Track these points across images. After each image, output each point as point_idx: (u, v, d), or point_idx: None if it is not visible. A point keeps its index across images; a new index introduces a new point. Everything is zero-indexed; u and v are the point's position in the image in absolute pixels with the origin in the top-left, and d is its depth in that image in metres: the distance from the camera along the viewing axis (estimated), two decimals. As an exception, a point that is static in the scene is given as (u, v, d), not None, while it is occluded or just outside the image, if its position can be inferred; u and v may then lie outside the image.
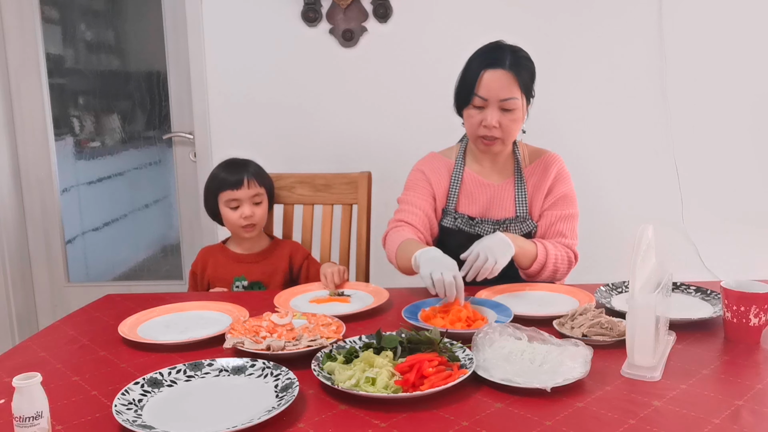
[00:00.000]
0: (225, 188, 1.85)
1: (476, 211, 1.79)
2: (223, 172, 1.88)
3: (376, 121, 2.63)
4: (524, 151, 1.82)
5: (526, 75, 1.66)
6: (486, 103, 1.64)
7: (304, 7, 2.56)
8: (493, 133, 1.66)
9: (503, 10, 2.54)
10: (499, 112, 1.64)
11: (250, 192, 1.86)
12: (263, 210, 1.90)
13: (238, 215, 1.84)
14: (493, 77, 1.63)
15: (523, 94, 1.66)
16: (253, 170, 1.90)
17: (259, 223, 1.89)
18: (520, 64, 1.65)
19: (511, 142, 1.73)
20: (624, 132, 2.60)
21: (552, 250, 1.66)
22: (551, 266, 1.66)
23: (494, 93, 1.63)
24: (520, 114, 1.66)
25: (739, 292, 1.25)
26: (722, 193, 2.62)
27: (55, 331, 1.44)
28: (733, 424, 0.95)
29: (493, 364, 1.11)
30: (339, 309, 1.51)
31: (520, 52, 1.69)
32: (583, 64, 2.56)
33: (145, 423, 0.97)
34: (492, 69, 1.63)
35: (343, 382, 1.05)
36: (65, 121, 2.84)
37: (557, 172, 1.77)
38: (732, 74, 2.55)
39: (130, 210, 2.94)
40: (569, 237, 1.73)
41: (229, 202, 1.85)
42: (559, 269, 1.68)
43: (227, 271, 1.89)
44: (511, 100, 1.63)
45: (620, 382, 1.10)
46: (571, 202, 1.77)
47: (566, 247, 1.71)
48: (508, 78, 1.62)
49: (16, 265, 2.81)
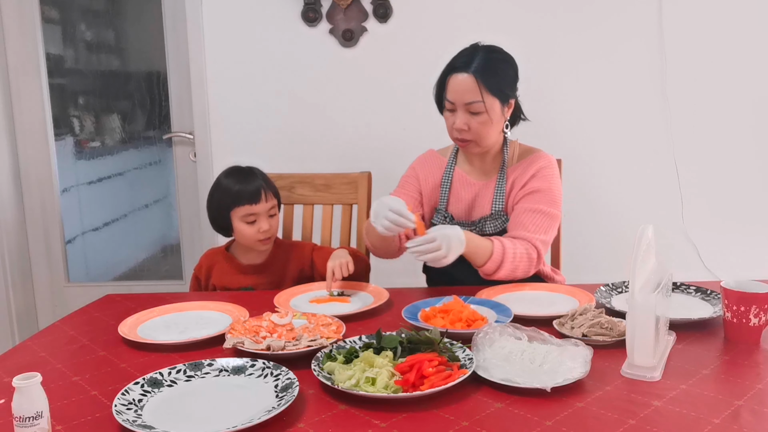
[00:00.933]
0: (242, 203, 1.76)
1: (462, 210, 1.80)
2: (237, 185, 1.78)
3: (376, 121, 2.63)
4: (515, 150, 1.80)
5: (495, 77, 1.64)
6: (454, 106, 1.66)
7: (304, 7, 2.56)
8: (463, 135, 1.68)
9: (503, 10, 2.54)
10: (467, 115, 1.65)
11: (268, 205, 1.79)
12: (277, 221, 1.84)
13: (256, 230, 1.77)
14: (457, 81, 1.64)
15: (495, 96, 1.64)
16: (265, 181, 1.83)
17: (274, 235, 1.84)
18: (488, 67, 1.63)
19: (486, 143, 1.70)
20: (624, 132, 2.60)
21: (510, 247, 1.60)
22: (509, 264, 1.59)
23: (459, 97, 1.64)
24: (489, 117, 1.64)
25: (739, 292, 1.25)
26: (722, 193, 2.62)
27: (55, 331, 1.44)
28: (733, 424, 0.95)
29: (493, 364, 1.11)
30: (339, 309, 1.51)
31: (493, 54, 1.67)
32: (583, 64, 2.56)
33: (145, 423, 0.97)
34: (457, 73, 1.65)
35: (343, 382, 1.05)
36: (65, 121, 2.84)
37: (538, 169, 1.73)
38: (732, 74, 2.55)
39: (130, 210, 2.94)
40: (531, 231, 1.65)
41: (247, 217, 1.77)
42: (519, 267, 1.61)
43: (233, 280, 1.83)
44: (476, 103, 1.63)
45: (620, 382, 1.10)
46: (545, 200, 1.69)
47: (526, 242, 1.63)
48: (471, 82, 1.62)
49: (16, 265, 2.81)
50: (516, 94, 1.73)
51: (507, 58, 1.70)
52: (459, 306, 1.39)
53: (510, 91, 1.69)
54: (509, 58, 1.70)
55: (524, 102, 1.82)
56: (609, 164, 2.62)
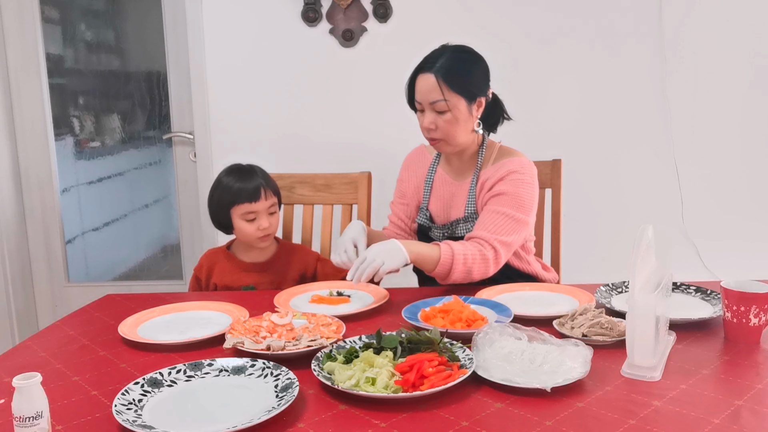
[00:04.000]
0: (241, 201, 1.78)
1: (440, 209, 1.81)
2: (237, 183, 1.79)
3: (376, 121, 2.63)
4: (493, 152, 1.77)
5: (458, 76, 1.63)
6: (422, 106, 1.68)
7: (304, 7, 2.56)
8: (432, 135, 1.69)
9: (503, 10, 2.54)
10: (434, 114, 1.66)
11: (267, 203, 1.80)
12: (277, 219, 1.85)
13: (255, 227, 1.78)
14: (422, 81, 1.66)
15: (459, 94, 1.63)
16: (265, 179, 1.84)
17: (274, 233, 1.85)
18: (452, 67, 1.63)
19: (456, 142, 1.69)
20: (624, 132, 2.61)
21: (459, 251, 1.58)
22: (460, 266, 1.57)
23: (424, 96, 1.65)
24: (454, 115, 1.64)
25: (739, 292, 1.25)
26: (722, 193, 2.62)
27: (55, 331, 1.44)
28: (733, 424, 0.95)
29: (493, 364, 1.10)
30: (339, 309, 1.51)
31: (459, 53, 1.68)
32: (583, 64, 2.56)
33: (145, 423, 0.97)
34: (421, 74, 1.66)
35: (343, 382, 1.05)
36: (65, 121, 2.84)
37: (507, 172, 1.69)
38: (732, 74, 2.55)
39: (130, 210, 2.94)
40: (491, 231, 1.63)
41: (246, 215, 1.78)
42: (473, 268, 1.59)
43: (234, 279, 1.84)
44: (439, 102, 1.63)
45: (620, 382, 1.10)
46: (510, 203, 1.66)
47: (483, 242, 1.61)
48: (433, 81, 1.63)
49: (16, 265, 2.81)
50: (487, 93, 1.71)
51: (473, 57, 1.69)
52: (459, 306, 1.39)
53: (477, 90, 1.67)
54: (476, 58, 1.70)
55: (525, 101, 1.82)
56: (609, 164, 2.62)
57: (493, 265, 1.62)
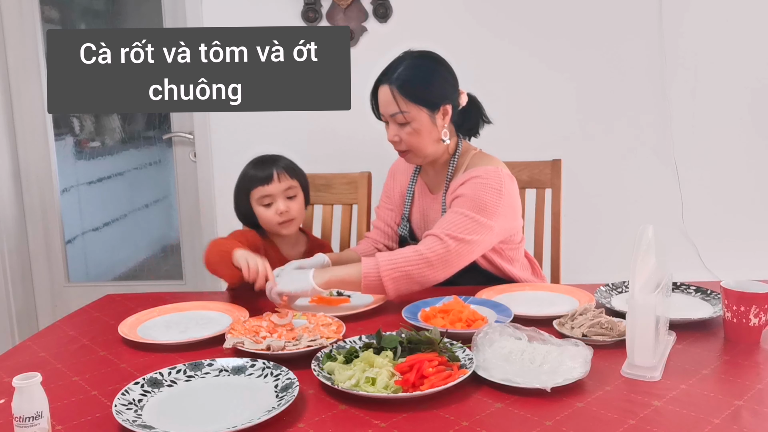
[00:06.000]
0: (255, 185, 1.74)
1: (419, 219, 1.78)
2: (253, 169, 1.77)
3: (376, 121, 2.61)
4: (465, 160, 1.68)
5: (415, 87, 1.56)
6: (385, 118, 1.65)
7: (304, 7, 2.56)
8: (398, 147, 1.65)
9: (502, 11, 2.54)
10: (396, 126, 1.62)
11: (282, 186, 1.74)
12: (299, 204, 1.77)
13: (273, 212, 1.73)
14: (381, 94, 1.62)
15: (418, 105, 1.57)
16: (284, 164, 1.79)
17: (297, 218, 1.77)
18: (407, 77, 1.57)
19: (424, 153, 1.63)
20: (624, 132, 2.60)
21: (385, 259, 1.48)
22: (391, 274, 1.46)
23: (384, 109, 1.62)
24: (414, 128, 1.58)
25: (739, 292, 1.25)
26: (722, 193, 2.62)
27: (55, 331, 1.44)
28: (733, 424, 0.95)
29: (493, 364, 1.10)
30: (339, 309, 1.51)
31: (417, 60, 1.60)
32: (582, 64, 2.56)
33: (145, 423, 0.97)
34: (380, 86, 1.62)
35: (343, 382, 1.05)
36: (65, 121, 2.84)
37: (470, 177, 1.59)
38: (732, 74, 2.55)
39: (130, 210, 2.94)
40: (442, 227, 1.52)
41: (262, 199, 1.73)
42: (412, 271, 1.47)
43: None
44: (398, 114, 1.58)
45: (620, 382, 1.10)
46: (468, 205, 1.54)
47: (430, 237, 1.51)
48: (389, 93, 1.58)
49: (16, 265, 2.81)
50: (456, 99, 1.63)
51: (433, 64, 1.61)
52: (459, 306, 1.39)
53: (439, 99, 1.59)
54: (436, 64, 1.62)
55: (525, 101, 1.82)
56: (609, 164, 2.62)
57: (440, 264, 1.49)
